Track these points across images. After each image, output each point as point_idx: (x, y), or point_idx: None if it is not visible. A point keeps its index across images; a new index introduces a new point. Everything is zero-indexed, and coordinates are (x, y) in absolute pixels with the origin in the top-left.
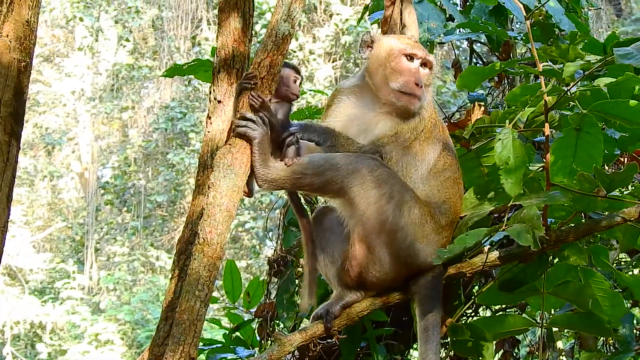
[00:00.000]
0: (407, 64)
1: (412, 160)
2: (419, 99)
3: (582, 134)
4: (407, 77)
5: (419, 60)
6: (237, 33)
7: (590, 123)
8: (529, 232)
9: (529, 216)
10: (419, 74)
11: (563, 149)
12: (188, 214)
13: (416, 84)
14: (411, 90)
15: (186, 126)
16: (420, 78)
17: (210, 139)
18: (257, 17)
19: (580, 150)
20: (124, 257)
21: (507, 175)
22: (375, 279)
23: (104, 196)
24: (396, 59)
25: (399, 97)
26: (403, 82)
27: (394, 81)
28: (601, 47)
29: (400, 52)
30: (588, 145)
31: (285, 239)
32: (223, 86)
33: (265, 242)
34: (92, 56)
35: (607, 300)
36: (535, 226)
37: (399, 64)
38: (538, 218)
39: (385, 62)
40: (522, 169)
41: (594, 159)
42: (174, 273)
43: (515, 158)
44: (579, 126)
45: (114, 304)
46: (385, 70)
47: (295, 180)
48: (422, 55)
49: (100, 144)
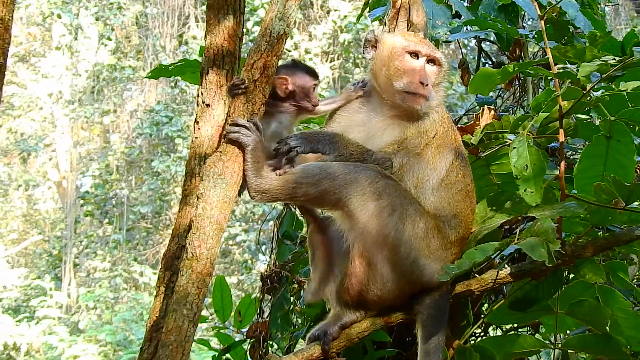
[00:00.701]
0: (412, 62)
1: (424, 169)
2: (426, 98)
3: (612, 142)
4: (411, 75)
5: (425, 58)
6: (227, 31)
7: (621, 130)
8: (543, 247)
9: (543, 229)
10: (425, 72)
11: (593, 157)
12: (174, 226)
13: (421, 83)
14: (415, 89)
15: (172, 131)
16: (427, 76)
17: (198, 145)
18: (248, 14)
19: (611, 160)
20: (105, 272)
21: (526, 184)
22: (376, 297)
23: (83, 207)
24: (399, 57)
25: (404, 98)
26: (407, 81)
27: (398, 81)
28: (619, 46)
29: (403, 49)
30: (619, 154)
31: (280, 253)
32: (212, 88)
33: (257, 257)
34: (71, 56)
35: (627, 320)
36: (550, 240)
37: (402, 62)
38: (553, 231)
39: (388, 62)
40: (541, 177)
41: (625, 168)
42: (159, 290)
43: (532, 166)
44: (609, 133)
45: (94, 324)
46: (389, 70)
47: (290, 190)
48: (428, 52)
49: (79, 151)
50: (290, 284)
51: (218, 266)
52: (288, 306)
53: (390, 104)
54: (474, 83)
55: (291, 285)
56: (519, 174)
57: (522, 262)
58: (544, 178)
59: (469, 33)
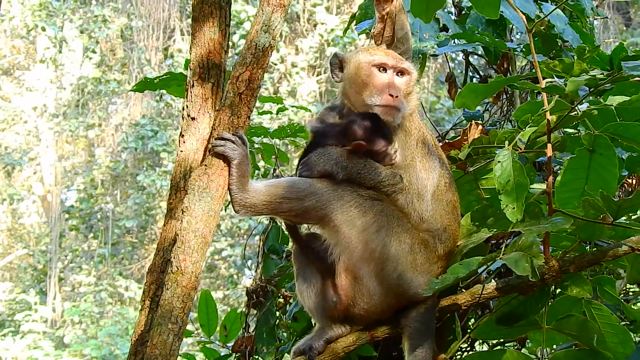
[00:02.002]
0: (380, 76)
1: (422, 180)
2: (398, 109)
3: (595, 155)
4: (381, 89)
5: (392, 70)
6: (212, 44)
7: (605, 144)
8: (527, 261)
9: (527, 243)
10: (394, 84)
11: (574, 171)
12: (159, 240)
13: (391, 95)
14: (387, 102)
15: (157, 145)
16: (397, 88)
17: (183, 159)
18: (234, 27)
19: (593, 174)
20: (90, 287)
21: (508, 200)
22: (362, 311)
23: (68, 221)
24: (367, 72)
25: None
26: (378, 95)
27: (369, 96)
28: (608, 59)
29: (369, 64)
30: (602, 168)
31: (265, 268)
32: (197, 102)
33: (243, 271)
34: (55, 69)
35: (614, 336)
36: (534, 254)
37: (370, 77)
38: (537, 246)
39: (357, 79)
40: (524, 193)
41: (608, 183)
42: (144, 304)
43: (515, 181)
44: (592, 147)
45: (80, 338)
46: (359, 87)
47: (276, 205)
48: (394, 63)
49: (64, 165)
50: (276, 299)
51: (204, 281)
52: (274, 320)
53: None
54: (461, 98)
55: (277, 299)
56: (502, 189)
57: (509, 276)
58: (526, 194)
59: (456, 46)
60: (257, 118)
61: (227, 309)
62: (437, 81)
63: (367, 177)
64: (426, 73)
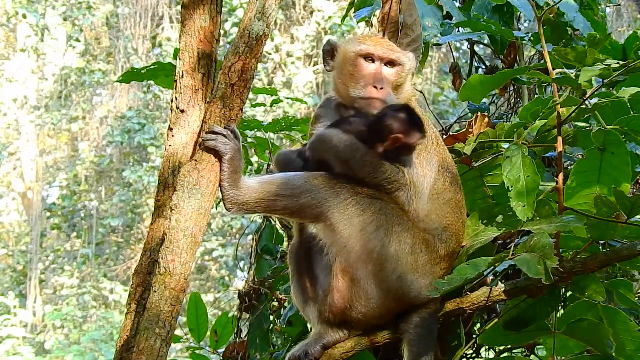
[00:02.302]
0: (366, 67)
1: (421, 177)
2: (384, 101)
3: (606, 154)
4: (365, 80)
5: (380, 60)
6: (203, 32)
7: (616, 142)
8: (539, 263)
9: (539, 244)
10: (380, 74)
11: (585, 173)
12: (146, 240)
13: (374, 87)
14: (369, 94)
15: (145, 139)
16: (382, 79)
17: (172, 154)
18: (226, 14)
19: (604, 175)
20: (72, 289)
21: (518, 198)
22: (360, 314)
23: (50, 219)
24: (353, 62)
25: (360, 105)
26: (361, 86)
27: (353, 88)
28: (620, 49)
29: (356, 54)
30: (613, 168)
31: (258, 269)
32: (187, 93)
33: (235, 273)
34: (36, 58)
35: (631, 342)
36: (547, 256)
37: (356, 68)
38: (550, 247)
39: (343, 69)
40: (535, 190)
41: (619, 184)
42: (130, 307)
43: (526, 178)
44: (602, 145)
45: (62, 344)
46: (344, 77)
47: (270, 203)
48: (382, 54)
49: (45, 160)
50: (270, 302)
51: (193, 283)
52: (267, 325)
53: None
54: (465, 90)
55: (270, 302)
56: (512, 186)
57: (517, 278)
58: (537, 191)
59: (461, 35)
60: (250, 110)
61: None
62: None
63: (374, 173)
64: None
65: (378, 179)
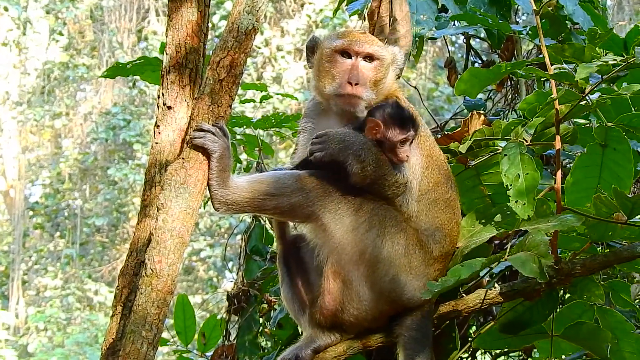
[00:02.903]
0: (342, 62)
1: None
2: (360, 97)
3: (608, 150)
4: (340, 76)
5: (357, 55)
6: (190, 26)
7: (618, 138)
8: (534, 262)
9: (534, 243)
10: (356, 70)
11: (586, 169)
12: (132, 240)
13: (349, 83)
14: (343, 90)
15: (130, 136)
16: (358, 74)
17: (159, 152)
18: (214, 7)
19: (606, 171)
20: (56, 291)
21: (518, 196)
22: (352, 317)
23: (32, 219)
24: (329, 58)
25: (335, 103)
26: (336, 83)
27: (328, 84)
28: (621, 43)
29: (332, 50)
30: (615, 164)
31: (248, 270)
32: (173, 89)
33: (224, 274)
34: (19, 53)
35: (629, 345)
36: (542, 254)
37: (332, 64)
38: (545, 245)
39: (320, 65)
40: (534, 188)
41: (622, 181)
42: (115, 309)
43: (525, 176)
44: (604, 141)
45: (45, 347)
46: (321, 74)
47: (260, 202)
48: (359, 49)
49: (28, 157)
50: (259, 304)
51: (181, 284)
52: (257, 328)
53: (334, 113)
54: (461, 84)
55: (260, 305)
56: (511, 184)
57: (513, 280)
58: (537, 189)
59: (456, 29)
60: (239, 107)
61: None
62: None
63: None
64: (424, 58)
65: (390, 181)
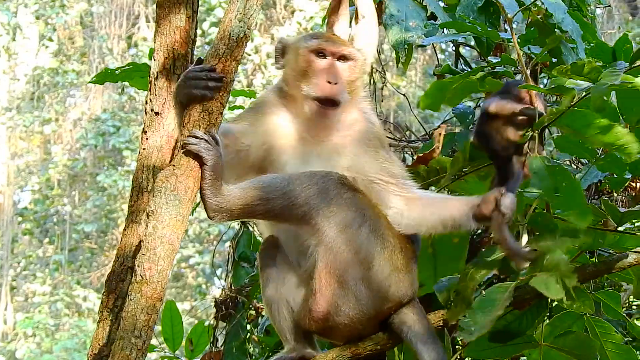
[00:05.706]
0: (318, 62)
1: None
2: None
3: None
4: (318, 76)
5: (332, 56)
6: (178, 32)
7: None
8: (558, 282)
9: (553, 262)
10: (334, 69)
11: None
12: (119, 246)
13: (328, 82)
14: (322, 92)
15: (120, 142)
16: (336, 73)
17: (146, 157)
18: (204, 13)
19: None
20: (45, 297)
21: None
22: (347, 319)
23: (21, 225)
24: (305, 58)
25: (312, 109)
26: (314, 83)
27: (305, 85)
28: (610, 51)
29: (307, 49)
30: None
31: (236, 277)
32: (161, 95)
33: (212, 281)
34: (8, 58)
35: (618, 355)
36: (565, 274)
37: (308, 64)
38: (566, 264)
39: (295, 66)
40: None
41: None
42: (102, 315)
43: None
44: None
45: (33, 353)
46: (297, 75)
47: (254, 208)
48: (334, 49)
49: (17, 163)
50: (247, 311)
51: (169, 290)
52: (244, 334)
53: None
54: (426, 99)
55: (248, 311)
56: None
57: None
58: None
59: (445, 36)
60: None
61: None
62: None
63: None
64: (413, 65)
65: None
